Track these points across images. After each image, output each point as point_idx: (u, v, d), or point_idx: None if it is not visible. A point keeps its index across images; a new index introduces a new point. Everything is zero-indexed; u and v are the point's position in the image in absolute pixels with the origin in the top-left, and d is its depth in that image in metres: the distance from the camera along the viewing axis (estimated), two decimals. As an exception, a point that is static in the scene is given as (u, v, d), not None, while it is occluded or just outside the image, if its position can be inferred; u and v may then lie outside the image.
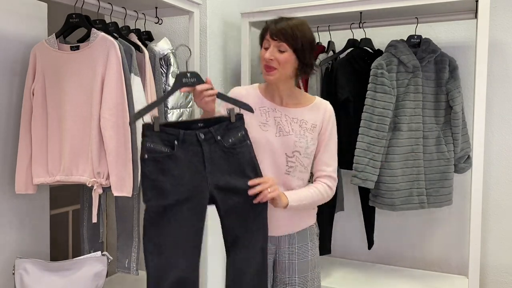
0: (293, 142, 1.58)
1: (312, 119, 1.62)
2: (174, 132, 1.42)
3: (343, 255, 2.72)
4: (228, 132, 1.50)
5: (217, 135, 1.48)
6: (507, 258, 2.38)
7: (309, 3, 2.18)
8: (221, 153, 1.48)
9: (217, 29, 2.39)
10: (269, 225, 1.57)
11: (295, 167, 1.60)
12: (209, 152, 1.46)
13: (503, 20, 2.34)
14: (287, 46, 1.52)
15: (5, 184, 1.77)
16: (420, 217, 2.55)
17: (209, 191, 1.45)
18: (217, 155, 1.47)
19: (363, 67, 2.21)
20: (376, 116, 2.08)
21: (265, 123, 1.61)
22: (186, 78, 1.51)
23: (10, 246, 1.80)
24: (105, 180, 1.69)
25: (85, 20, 1.76)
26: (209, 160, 1.46)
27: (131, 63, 1.77)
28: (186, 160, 1.43)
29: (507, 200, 2.37)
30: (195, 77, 1.52)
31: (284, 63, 1.54)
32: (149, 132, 1.39)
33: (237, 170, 1.48)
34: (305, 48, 1.55)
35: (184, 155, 1.43)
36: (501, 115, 2.37)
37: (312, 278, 1.67)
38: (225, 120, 1.51)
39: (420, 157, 2.15)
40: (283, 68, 1.55)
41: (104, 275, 1.78)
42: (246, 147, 1.51)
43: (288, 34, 1.52)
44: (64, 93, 1.71)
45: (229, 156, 1.48)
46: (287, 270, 1.65)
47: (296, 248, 1.65)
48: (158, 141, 1.40)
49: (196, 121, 1.48)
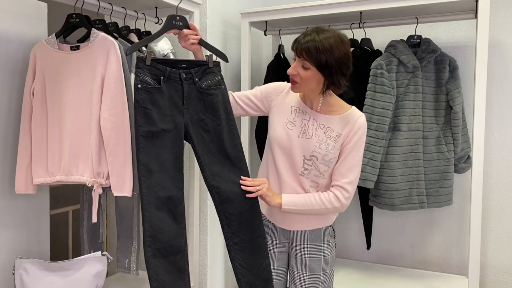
0: (313, 147, 1.61)
1: (339, 128, 1.62)
2: (162, 68, 1.61)
3: (343, 255, 2.72)
4: (205, 75, 1.68)
5: (196, 77, 1.66)
6: (507, 258, 2.38)
7: (309, 3, 2.18)
8: (197, 93, 1.66)
9: (217, 29, 2.39)
10: (282, 219, 1.71)
11: (310, 171, 1.63)
12: (188, 91, 1.64)
13: (503, 20, 2.34)
14: (310, 64, 1.52)
15: (5, 184, 1.77)
16: (420, 217, 2.55)
17: (185, 125, 1.63)
18: (193, 95, 1.65)
19: (364, 67, 2.20)
20: (376, 116, 2.08)
21: (292, 122, 1.65)
22: (176, 21, 1.73)
23: (10, 246, 1.80)
24: (105, 180, 1.69)
25: (85, 20, 1.76)
26: (187, 98, 1.64)
27: (131, 63, 1.77)
28: (169, 94, 1.61)
29: (507, 200, 2.37)
30: (183, 21, 1.75)
31: (307, 79, 1.55)
32: (141, 65, 1.58)
33: (210, 110, 1.67)
34: (332, 67, 1.51)
35: (167, 90, 1.61)
36: (501, 115, 2.37)
37: (324, 278, 1.68)
38: (204, 64, 1.69)
39: (420, 157, 2.15)
40: (306, 83, 1.57)
41: (104, 275, 1.78)
42: (220, 91, 1.70)
43: (311, 53, 1.50)
44: (64, 93, 1.71)
45: (204, 96, 1.67)
46: (299, 265, 1.69)
47: (308, 245, 1.68)
48: (148, 74, 1.59)
49: (181, 61, 1.66)
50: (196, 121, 1.65)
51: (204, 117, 1.66)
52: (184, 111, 1.64)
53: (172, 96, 1.62)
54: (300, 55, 1.53)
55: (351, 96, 2.18)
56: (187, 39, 1.71)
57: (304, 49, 1.51)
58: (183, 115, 1.63)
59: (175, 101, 1.62)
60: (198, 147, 1.65)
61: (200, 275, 2.31)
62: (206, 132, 1.66)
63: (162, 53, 2.01)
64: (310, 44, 1.50)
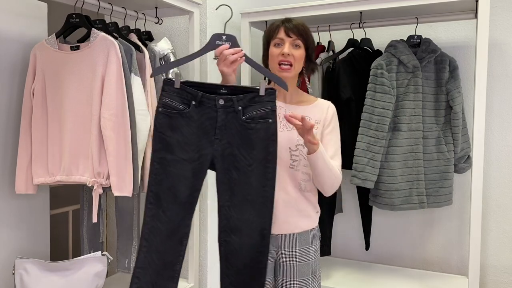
0: (296, 136, 1.61)
1: (315, 116, 1.66)
2: (193, 92, 1.43)
3: (343, 256, 2.72)
4: (252, 104, 1.45)
5: (238, 105, 1.44)
6: (507, 258, 2.38)
7: (309, 3, 2.18)
8: (236, 124, 1.44)
9: (217, 29, 2.39)
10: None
11: (299, 161, 1.62)
12: (224, 120, 1.44)
13: (503, 20, 2.34)
14: (301, 43, 1.58)
15: (5, 184, 1.77)
16: (420, 217, 2.55)
17: (212, 156, 1.45)
18: (231, 125, 1.44)
19: (364, 67, 2.21)
20: (376, 116, 2.08)
21: None
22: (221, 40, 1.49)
23: (10, 246, 1.80)
24: (105, 180, 1.69)
25: (85, 20, 1.76)
26: (222, 127, 1.44)
27: (131, 63, 1.77)
28: (199, 121, 1.43)
29: (507, 200, 2.37)
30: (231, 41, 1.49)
31: (300, 59, 1.59)
32: (167, 87, 1.42)
33: (245, 146, 1.44)
34: (313, 46, 1.63)
35: (198, 116, 1.43)
36: (501, 115, 2.37)
37: (313, 281, 1.67)
38: (253, 91, 1.46)
39: (420, 157, 2.15)
40: (298, 64, 1.60)
41: (104, 275, 1.78)
42: (265, 125, 1.45)
43: (302, 31, 1.58)
44: (64, 93, 1.71)
45: (243, 129, 1.44)
46: (288, 273, 1.64)
47: (297, 250, 1.65)
48: (176, 97, 1.42)
49: (221, 86, 1.45)
50: (228, 155, 1.45)
51: (238, 153, 1.45)
52: (215, 141, 1.44)
53: (202, 124, 1.44)
54: (294, 34, 1.57)
55: (349, 95, 2.18)
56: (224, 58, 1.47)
57: (296, 27, 1.57)
58: (213, 145, 1.44)
59: (206, 129, 1.44)
60: (221, 183, 1.47)
61: (200, 275, 2.31)
62: (236, 170, 1.45)
63: (162, 53, 2.01)
64: (298, 23, 1.58)
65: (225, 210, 1.47)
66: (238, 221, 1.46)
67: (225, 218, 1.47)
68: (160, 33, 2.28)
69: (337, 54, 2.33)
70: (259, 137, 1.45)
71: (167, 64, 1.51)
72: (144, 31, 2.12)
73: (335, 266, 2.50)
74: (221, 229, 1.48)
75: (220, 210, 1.48)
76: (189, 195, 1.45)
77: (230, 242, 1.47)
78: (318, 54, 2.29)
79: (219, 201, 1.48)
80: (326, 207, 2.25)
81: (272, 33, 1.61)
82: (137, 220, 2.01)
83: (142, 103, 1.79)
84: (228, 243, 1.48)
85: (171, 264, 1.45)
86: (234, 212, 1.47)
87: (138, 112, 1.76)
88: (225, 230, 1.48)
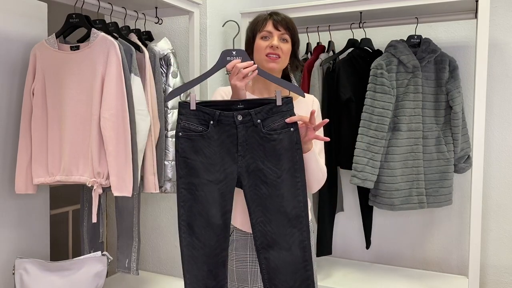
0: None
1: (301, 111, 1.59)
2: (210, 112, 1.40)
3: (343, 255, 2.72)
4: (271, 116, 1.42)
5: (257, 119, 1.41)
6: (507, 258, 2.38)
7: (309, 3, 2.18)
8: (257, 138, 1.41)
9: (217, 29, 2.39)
10: None
11: None
12: (245, 135, 1.41)
13: (503, 20, 2.34)
14: (289, 37, 1.55)
15: (5, 184, 1.77)
16: (420, 217, 2.55)
17: (238, 174, 1.42)
18: (253, 139, 1.42)
19: (364, 67, 2.21)
20: (376, 116, 2.08)
21: None
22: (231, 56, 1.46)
23: (10, 246, 1.80)
24: (105, 180, 1.69)
25: (85, 20, 1.76)
26: (243, 143, 1.41)
27: (131, 63, 1.77)
28: (219, 140, 1.41)
29: (507, 200, 2.37)
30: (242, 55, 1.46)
31: (287, 53, 1.56)
32: (184, 110, 1.39)
33: (271, 157, 1.42)
34: (298, 43, 1.61)
35: (218, 135, 1.40)
36: (501, 115, 2.37)
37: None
38: (270, 102, 1.42)
39: (420, 157, 2.15)
40: (286, 57, 1.56)
41: (104, 275, 1.78)
42: (287, 134, 1.42)
43: (290, 26, 1.56)
44: (64, 93, 1.71)
45: (265, 141, 1.41)
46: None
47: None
48: (194, 119, 1.39)
49: (237, 102, 1.42)
50: (254, 170, 1.42)
51: (263, 167, 1.41)
52: (238, 158, 1.41)
53: (223, 142, 1.41)
54: (282, 27, 1.54)
55: (349, 96, 2.18)
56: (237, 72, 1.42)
57: (284, 21, 1.55)
58: (237, 163, 1.41)
59: (228, 147, 1.41)
60: (251, 200, 1.42)
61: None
62: (264, 184, 1.41)
63: (162, 53, 2.01)
64: (286, 17, 1.56)
65: (260, 227, 1.43)
66: (275, 236, 1.42)
67: (262, 235, 1.43)
68: (160, 33, 2.28)
69: (337, 54, 2.33)
70: (283, 147, 1.42)
71: (179, 87, 1.48)
72: (144, 31, 2.12)
73: (335, 266, 2.50)
74: (259, 247, 1.43)
75: (254, 227, 1.43)
76: (221, 217, 1.42)
77: (270, 259, 1.42)
78: (318, 54, 2.29)
79: (252, 219, 1.43)
80: (327, 206, 2.25)
81: (258, 26, 1.56)
82: (137, 220, 2.01)
83: (142, 103, 1.79)
84: (268, 260, 1.43)
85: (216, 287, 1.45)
86: (270, 227, 1.42)
87: (138, 112, 1.76)
88: (263, 248, 1.43)
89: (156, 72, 1.97)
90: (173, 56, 2.04)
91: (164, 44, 2.05)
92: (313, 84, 2.19)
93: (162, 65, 2.02)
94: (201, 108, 1.40)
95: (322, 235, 2.25)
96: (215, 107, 1.41)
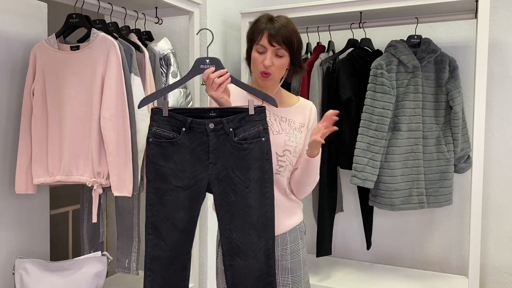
0: (284, 141, 1.57)
1: (299, 118, 1.62)
2: (182, 119, 1.41)
3: (343, 255, 2.72)
4: (243, 125, 1.43)
5: (229, 127, 1.42)
6: (507, 258, 2.38)
7: (309, 3, 2.18)
8: (229, 146, 1.42)
9: (217, 29, 2.39)
10: None
11: (286, 167, 1.58)
12: (216, 143, 1.42)
13: (503, 20, 2.34)
14: (285, 52, 1.51)
15: (5, 184, 1.77)
16: (420, 217, 2.55)
17: (208, 181, 1.43)
18: (224, 147, 1.42)
19: (364, 67, 2.21)
20: (376, 116, 2.08)
21: None
22: (205, 64, 1.45)
23: (10, 246, 1.80)
24: (105, 180, 1.69)
25: (85, 20, 1.76)
26: (215, 151, 1.42)
27: (131, 63, 1.77)
28: (190, 147, 1.42)
29: (507, 200, 2.37)
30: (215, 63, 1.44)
31: (281, 68, 1.54)
32: (156, 117, 1.40)
33: (241, 167, 1.43)
34: (299, 52, 1.56)
35: (189, 142, 1.41)
36: (501, 115, 2.37)
37: (304, 276, 1.67)
38: (242, 111, 1.42)
39: (420, 157, 2.15)
40: (279, 72, 1.55)
41: (104, 275, 1.78)
42: (258, 144, 1.43)
43: (287, 40, 1.50)
44: (64, 93, 1.71)
45: (236, 150, 1.42)
46: (280, 271, 1.61)
47: (289, 249, 1.63)
48: (166, 125, 1.40)
49: (209, 110, 1.42)
50: (224, 178, 1.43)
51: (233, 175, 1.42)
52: (209, 166, 1.42)
53: (195, 149, 1.42)
54: (277, 43, 1.49)
55: (349, 96, 2.18)
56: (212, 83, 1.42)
57: (280, 36, 1.49)
58: (208, 170, 1.42)
59: (199, 154, 1.42)
60: (219, 207, 1.45)
61: (200, 275, 2.31)
62: (233, 192, 1.43)
63: (162, 53, 2.01)
64: (283, 32, 1.49)
65: (227, 234, 1.45)
66: (240, 243, 1.44)
67: (228, 242, 1.45)
68: (160, 33, 2.28)
69: (337, 54, 2.33)
70: (253, 157, 1.43)
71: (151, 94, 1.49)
72: (144, 31, 2.12)
73: (335, 266, 2.50)
74: (225, 253, 1.46)
75: (222, 234, 1.46)
76: (187, 221, 1.44)
77: (235, 265, 1.45)
78: (318, 54, 2.29)
79: (220, 225, 1.46)
80: (327, 206, 2.25)
81: (255, 38, 1.53)
82: (137, 220, 2.01)
83: (142, 103, 1.78)
84: (233, 266, 1.45)
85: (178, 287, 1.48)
86: (236, 234, 1.44)
87: (138, 112, 1.76)
88: (229, 254, 1.46)
89: (156, 72, 1.97)
90: (173, 56, 2.04)
91: (164, 44, 2.05)
92: (313, 84, 2.19)
93: (162, 65, 2.02)
94: (174, 115, 1.40)
95: (322, 235, 2.25)
96: (188, 114, 1.41)
